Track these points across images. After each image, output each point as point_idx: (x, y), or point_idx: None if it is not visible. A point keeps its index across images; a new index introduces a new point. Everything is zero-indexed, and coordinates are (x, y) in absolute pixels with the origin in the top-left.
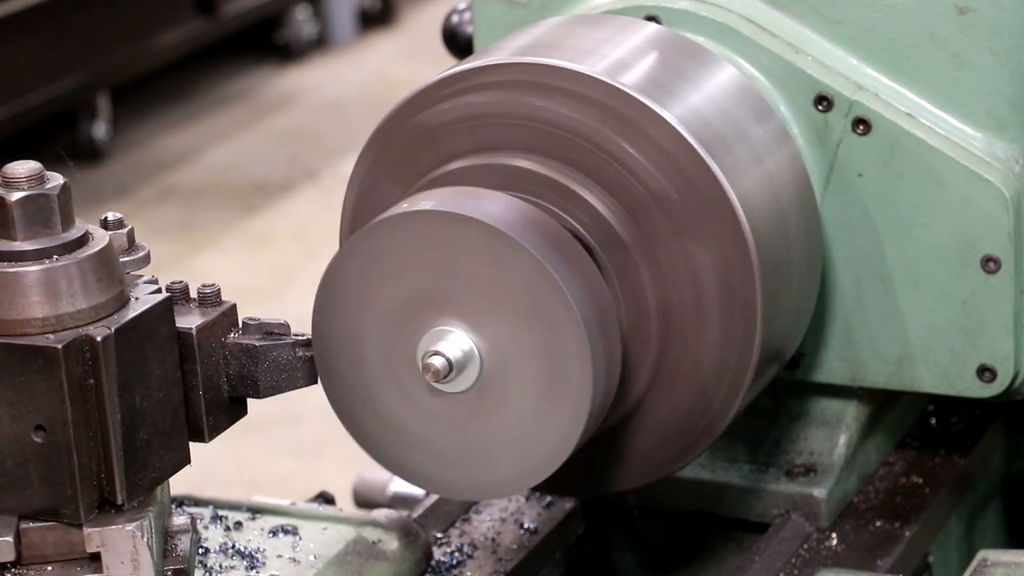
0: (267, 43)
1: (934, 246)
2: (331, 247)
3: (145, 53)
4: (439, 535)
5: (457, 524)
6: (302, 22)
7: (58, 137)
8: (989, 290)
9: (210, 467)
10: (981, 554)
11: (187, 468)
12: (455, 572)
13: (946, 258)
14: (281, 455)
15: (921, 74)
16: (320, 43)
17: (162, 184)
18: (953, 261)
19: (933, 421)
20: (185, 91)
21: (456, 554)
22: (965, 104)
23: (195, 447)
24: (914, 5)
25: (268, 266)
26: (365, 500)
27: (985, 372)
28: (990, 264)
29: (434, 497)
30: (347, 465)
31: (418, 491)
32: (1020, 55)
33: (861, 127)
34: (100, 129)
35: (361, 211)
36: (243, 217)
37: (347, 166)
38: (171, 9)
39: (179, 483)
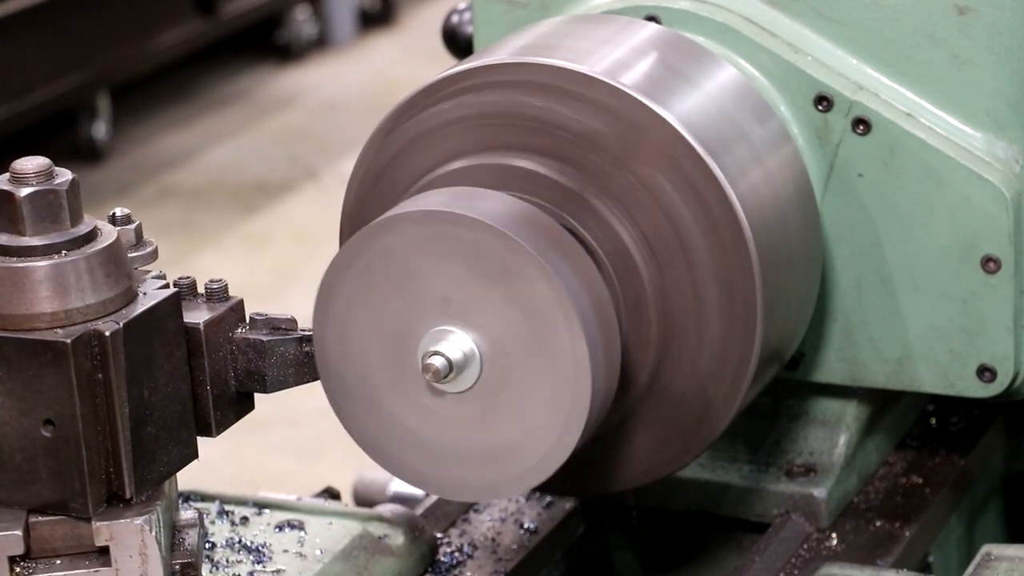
0: (267, 43)
1: (934, 246)
2: (331, 247)
3: (145, 53)
4: (439, 535)
5: (457, 524)
6: (302, 22)
7: (58, 137)
8: (989, 290)
9: (209, 467)
10: (985, 548)
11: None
12: (455, 572)
13: (946, 258)
14: (281, 455)
15: (921, 74)
16: (320, 43)
17: (162, 184)
18: (953, 261)
19: (933, 421)
20: (185, 91)
21: (456, 554)
22: (965, 104)
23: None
24: (914, 5)
25: (268, 266)
26: (365, 500)
27: (985, 372)
28: (990, 264)
29: (434, 497)
30: (347, 465)
31: (418, 491)
32: (1020, 55)
33: (861, 127)
34: (100, 129)
35: (361, 212)
36: (243, 217)
37: (347, 166)
38: (171, 9)
39: (181, 480)
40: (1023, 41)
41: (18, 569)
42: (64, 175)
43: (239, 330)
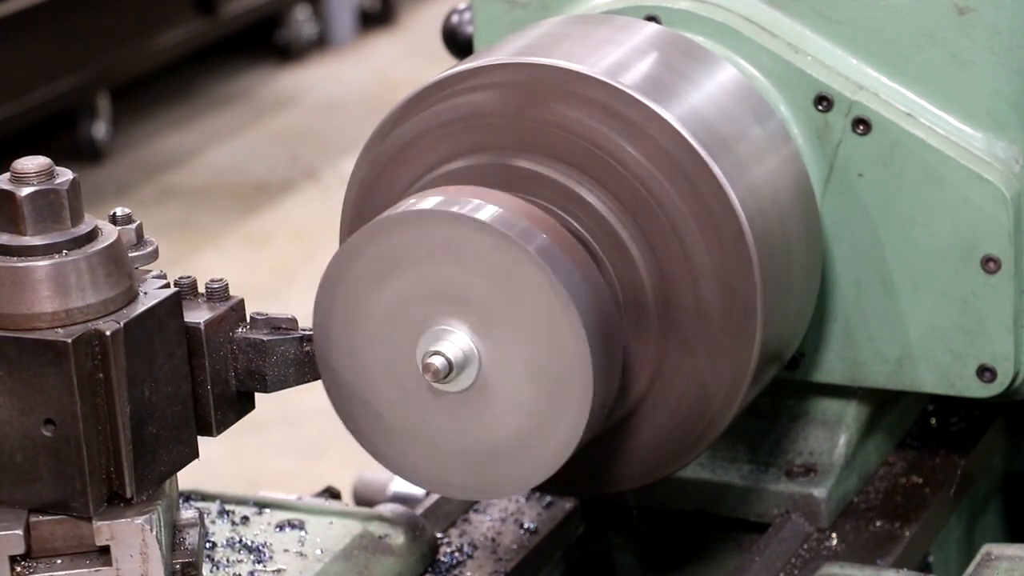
0: (267, 43)
1: (934, 246)
2: (331, 247)
3: (145, 53)
4: (439, 535)
5: (457, 524)
6: (302, 22)
7: (58, 137)
8: (989, 290)
9: (209, 467)
10: (985, 548)
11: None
12: (455, 572)
13: (946, 258)
14: (281, 455)
15: (921, 74)
16: (320, 43)
17: (162, 184)
18: (953, 261)
19: (933, 421)
20: (185, 91)
21: (456, 554)
22: (965, 104)
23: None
24: (914, 5)
25: (268, 266)
26: (365, 500)
27: (985, 372)
28: (990, 264)
29: (434, 497)
30: (347, 465)
31: (418, 491)
32: (1020, 55)
33: (861, 127)
34: (100, 129)
35: (361, 211)
36: (243, 217)
37: (347, 166)
38: (171, 9)
39: (181, 480)
40: (1023, 41)
41: (19, 569)
42: (65, 175)
43: (240, 330)
